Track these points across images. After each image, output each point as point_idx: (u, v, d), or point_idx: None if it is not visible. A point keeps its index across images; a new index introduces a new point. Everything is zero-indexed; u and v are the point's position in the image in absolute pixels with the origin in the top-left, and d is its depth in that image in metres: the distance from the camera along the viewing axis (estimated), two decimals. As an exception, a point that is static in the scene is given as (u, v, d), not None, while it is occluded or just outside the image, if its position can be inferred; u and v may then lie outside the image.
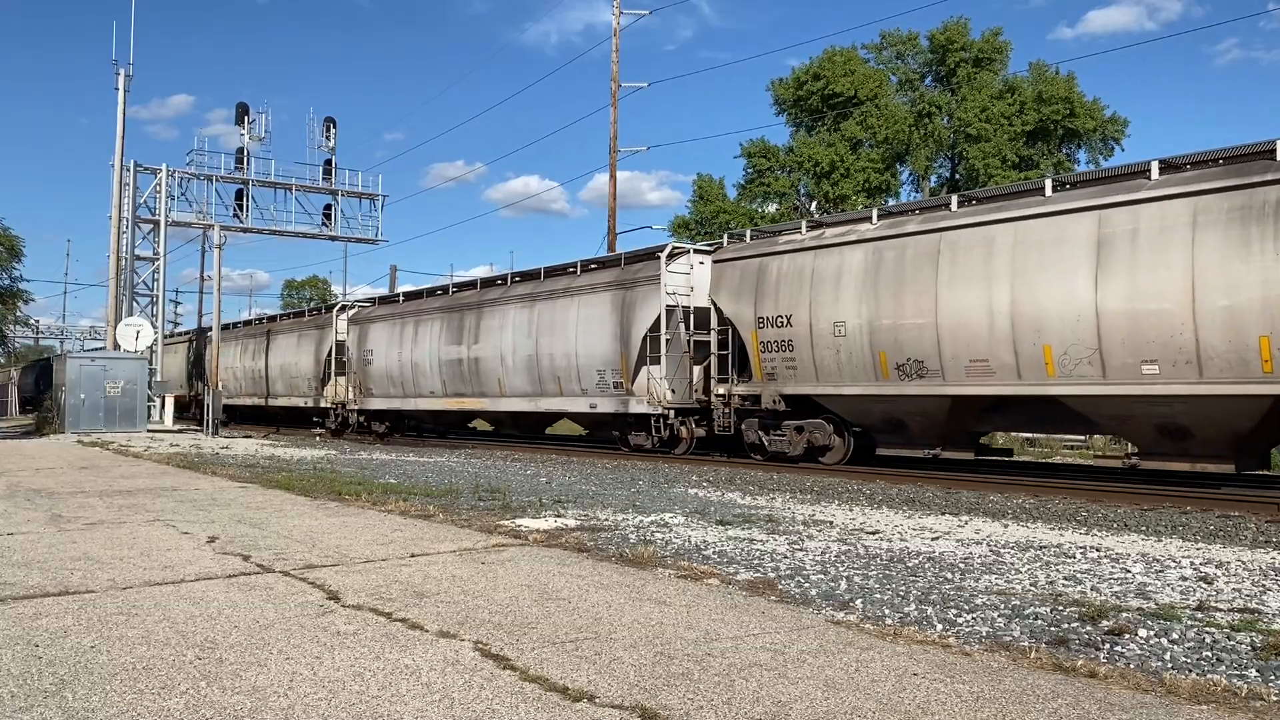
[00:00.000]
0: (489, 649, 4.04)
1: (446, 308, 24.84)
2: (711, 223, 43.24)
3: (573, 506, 9.49)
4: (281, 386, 32.94)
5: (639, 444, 19.18)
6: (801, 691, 3.51)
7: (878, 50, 45.12)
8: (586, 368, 19.72)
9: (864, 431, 15.70)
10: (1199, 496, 11.40)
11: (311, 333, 31.19)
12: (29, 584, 5.44)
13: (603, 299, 19.63)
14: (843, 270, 14.96)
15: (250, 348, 35.66)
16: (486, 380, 22.70)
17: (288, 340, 32.78)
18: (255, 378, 34.99)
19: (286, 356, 32.52)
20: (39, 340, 74.18)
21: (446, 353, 24.04)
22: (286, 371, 32.43)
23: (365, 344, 27.73)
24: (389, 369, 26.38)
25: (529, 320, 21.41)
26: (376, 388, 27.15)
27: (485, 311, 23.18)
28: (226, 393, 34.91)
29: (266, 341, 34.27)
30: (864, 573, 5.97)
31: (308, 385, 30.93)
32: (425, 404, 25.39)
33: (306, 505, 9.38)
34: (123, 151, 31.93)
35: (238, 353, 36.58)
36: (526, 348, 21.34)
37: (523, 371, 21.46)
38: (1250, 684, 3.70)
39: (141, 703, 3.36)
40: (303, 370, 31.27)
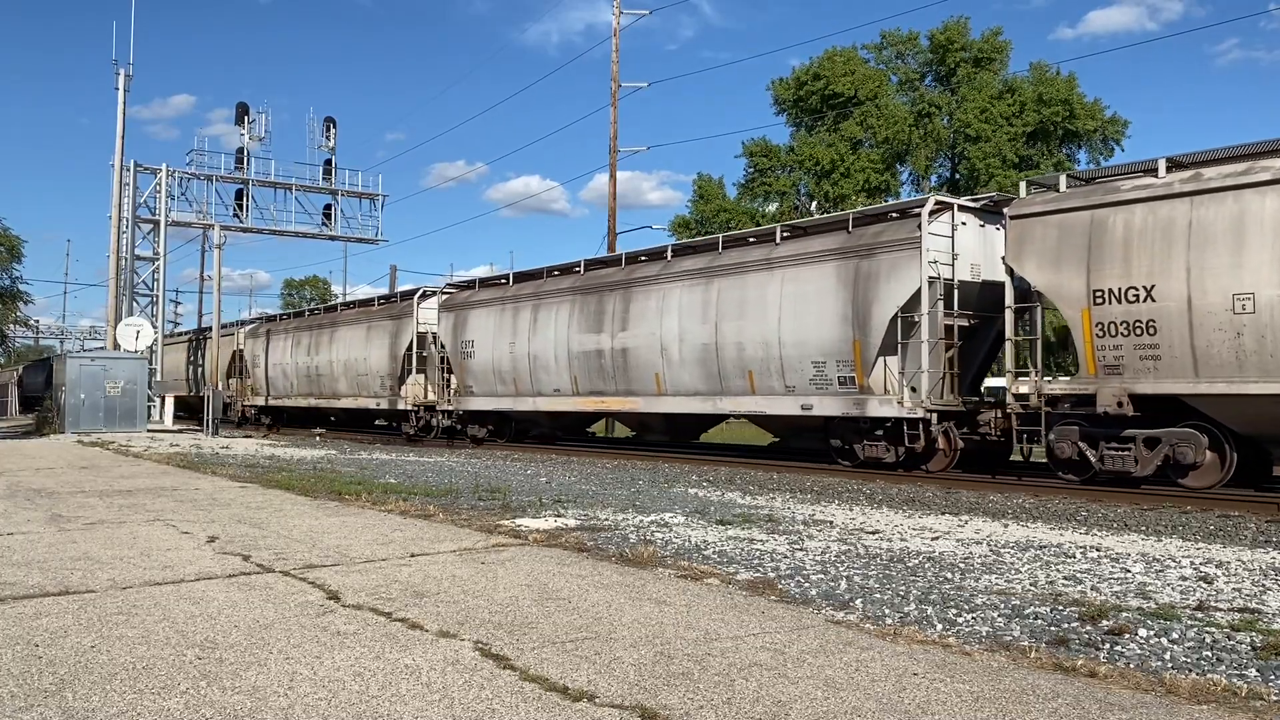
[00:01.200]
0: (489, 649, 4.04)
1: (579, 289, 20.55)
2: (712, 222, 43.28)
3: (573, 506, 9.49)
4: (346, 385, 28.81)
5: (874, 456, 15.04)
6: (801, 691, 3.51)
7: (878, 50, 45.17)
8: (795, 358, 15.61)
9: (1256, 444, 11.82)
10: (1199, 496, 11.40)
11: (385, 324, 27.00)
12: (29, 584, 5.44)
13: (822, 271, 15.44)
14: (1245, 222, 10.94)
15: (305, 343, 31.42)
16: (638, 375, 18.61)
17: (353, 333, 28.54)
18: (311, 376, 30.82)
19: (353, 351, 28.25)
20: (39, 340, 74.26)
21: (580, 343, 20.00)
22: (352, 369, 28.25)
23: (462, 333, 23.77)
24: (496, 363, 22.40)
25: (703, 301, 17.35)
26: (478, 385, 23.12)
27: (635, 292, 18.97)
28: (274, 393, 33.05)
29: (328, 335, 30.04)
30: (864, 572, 5.97)
31: (380, 384, 26.97)
32: (548, 404, 21.39)
33: (307, 505, 9.38)
34: (123, 151, 31.95)
35: (287, 348, 32.64)
36: (699, 335, 17.28)
37: (693, 365, 17.44)
38: (1250, 684, 3.70)
39: (141, 703, 3.36)
40: (374, 367, 27.12)
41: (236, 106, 36.20)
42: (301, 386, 31.54)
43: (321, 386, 30.20)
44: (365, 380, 27.66)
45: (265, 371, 33.89)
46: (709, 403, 17.49)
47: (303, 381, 31.41)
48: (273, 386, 33.54)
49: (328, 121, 36.87)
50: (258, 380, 34.68)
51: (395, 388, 26.18)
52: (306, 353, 31.14)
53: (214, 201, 34.87)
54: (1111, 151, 42.83)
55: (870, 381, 14.68)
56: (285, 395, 32.77)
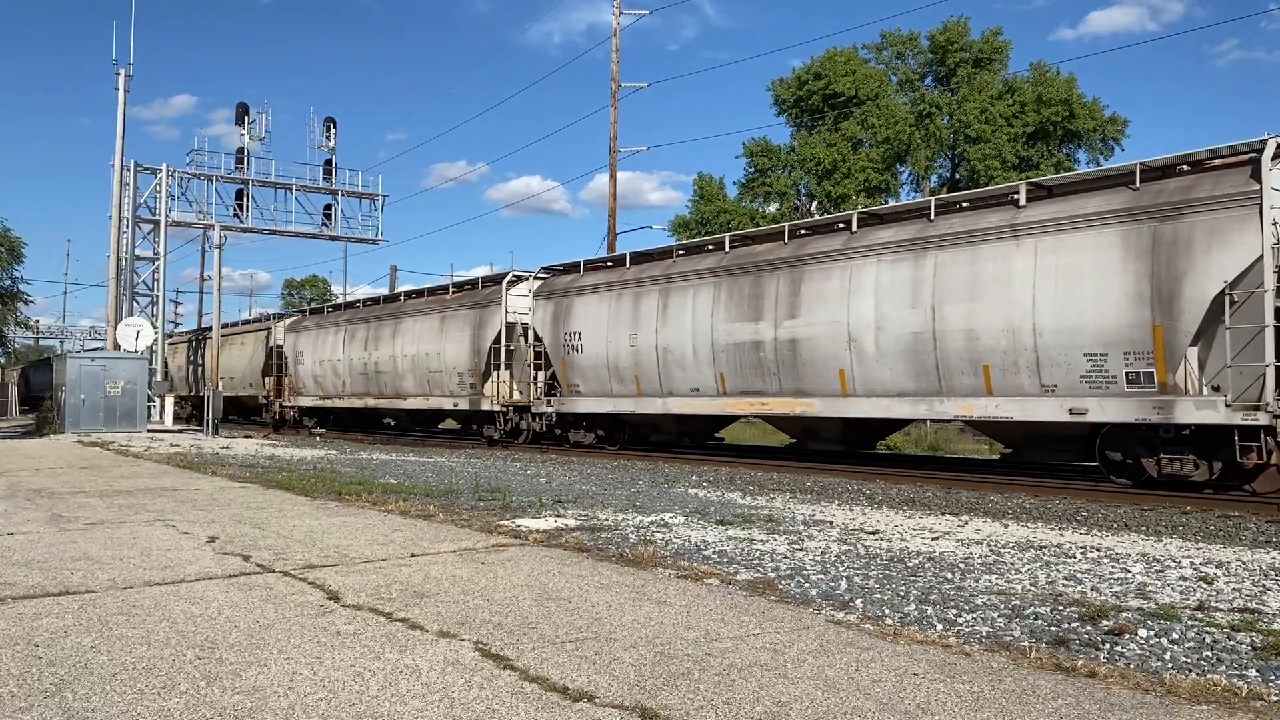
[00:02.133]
0: (489, 649, 4.04)
1: (726, 269, 17.23)
2: (712, 222, 43.29)
3: (573, 506, 9.49)
4: (413, 384, 25.89)
5: (1176, 473, 11.95)
6: (801, 691, 3.51)
7: (878, 50, 45.18)
8: (1059, 349, 12.39)
9: None
10: (1199, 496, 11.40)
11: (464, 314, 24.02)
12: (29, 584, 5.44)
13: (1100, 239, 12.14)
14: None
15: (361, 336, 28.40)
16: (812, 372, 15.37)
17: (423, 325, 25.62)
18: (369, 373, 27.87)
19: (423, 345, 25.37)
20: (39, 340, 74.26)
21: (729, 334, 16.84)
22: (422, 365, 25.29)
23: (565, 324, 20.40)
24: (612, 358, 19.16)
25: (912, 279, 14.02)
26: (586, 383, 19.99)
27: (808, 271, 15.60)
28: (323, 392, 30.62)
29: (390, 327, 27.09)
30: (864, 573, 5.97)
31: (458, 382, 23.94)
32: (682, 406, 18.16)
33: (307, 505, 9.38)
34: (123, 151, 31.95)
35: (338, 343, 29.73)
36: (906, 322, 14.05)
37: (897, 358, 14.11)
38: (1250, 684, 3.70)
39: (141, 703, 3.36)
40: (451, 362, 24.13)
41: (236, 106, 36.22)
42: (356, 385, 28.44)
43: (381, 385, 27.25)
44: (438, 378, 24.69)
45: (311, 369, 31.26)
46: (921, 405, 14.09)
47: (358, 380, 28.30)
48: (320, 385, 30.76)
49: (328, 121, 36.90)
50: (300, 379, 32.01)
51: (478, 386, 23.07)
52: (363, 347, 28.04)
53: (214, 201, 34.90)
54: (1111, 151, 42.87)
55: (1176, 379, 11.62)
56: (335, 395, 29.91)
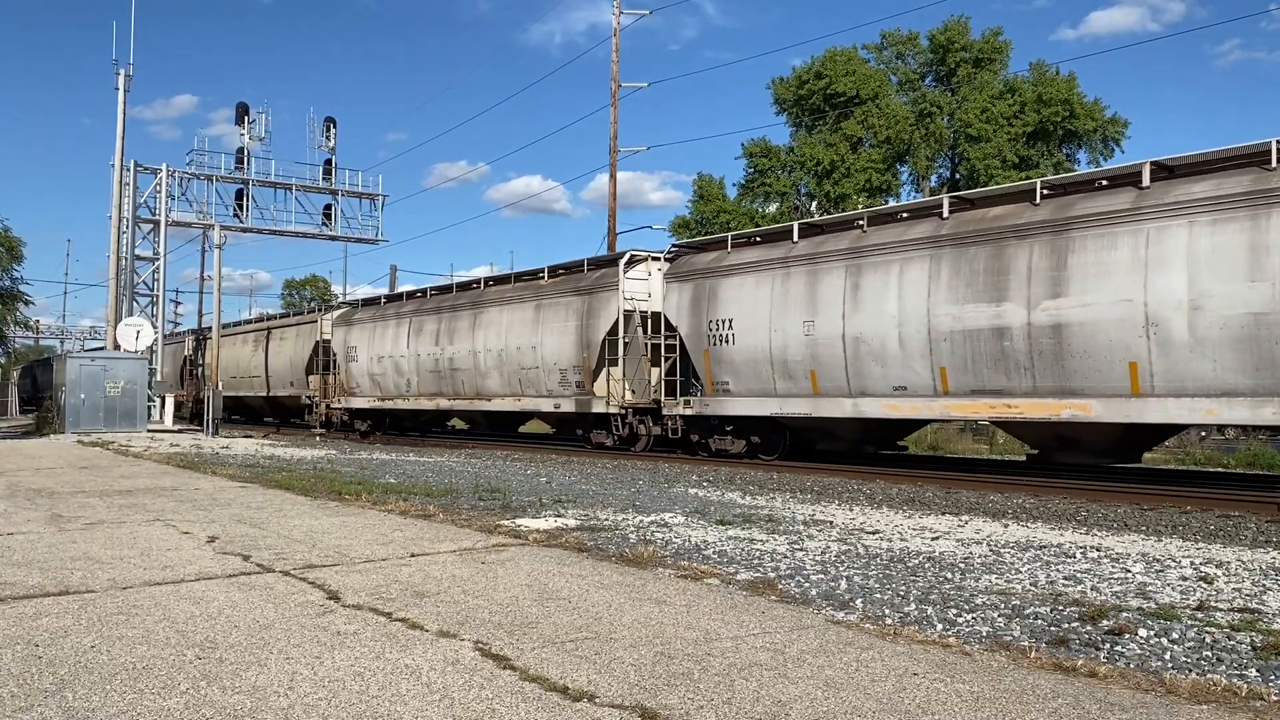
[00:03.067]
0: (489, 649, 4.04)
1: (947, 239, 14.05)
2: (712, 223, 43.28)
3: (573, 506, 9.49)
4: (499, 383, 22.77)
5: None
6: (801, 691, 3.51)
7: (878, 50, 45.17)
8: None
9: None
10: (1199, 496, 11.41)
11: (568, 301, 20.84)
12: (29, 584, 5.44)
13: None
14: None
15: (430, 330, 25.42)
16: (1085, 366, 12.34)
17: (514, 315, 22.58)
18: (441, 371, 24.72)
19: (514, 338, 22.33)
20: (39, 340, 74.29)
21: (955, 319, 13.69)
22: (512, 361, 22.22)
23: (710, 310, 17.05)
24: (777, 351, 15.70)
25: (1248, 245, 11.03)
26: (738, 381, 16.65)
27: (1076, 238, 12.56)
28: (383, 392, 27.58)
29: (468, 318, 23.99)
30: (864, 572, 5.97)
31: (559, 380, 20.76)
32: (879, 407, 14.83)
33: (307, 505, 9.38)
34: (123, 151, 31.96)
35: (400, 337, 26.59)
36: (1239, 300, 11.05)
37: (1225, 348, 11.16)
38: (1250, 684, 3.69)
39: (141, 702, 3.36)
40: (550, 358, 21.00)
41: (236, 106, 36.22)
42: (425, 384, 25.33)
43: (458, 384, 24.07)
44: (533, 375, 21.53)
45: (366, 367, 27.93)
46: (1266, 408, 10.90)
47: (426, 379, 25.21)
48: (378, 385, 27.53)
49: (328, 121, 36.91)
50: (353, 377, 28.69)
51: (585, 384, 20.02)
52: (433, 341, 24.94)
53: (214, 201, 34.90)
54: (1111, 152, 42.85)
55: None
56: (398, 395, 26.69)
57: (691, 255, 18.67)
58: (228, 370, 35.76)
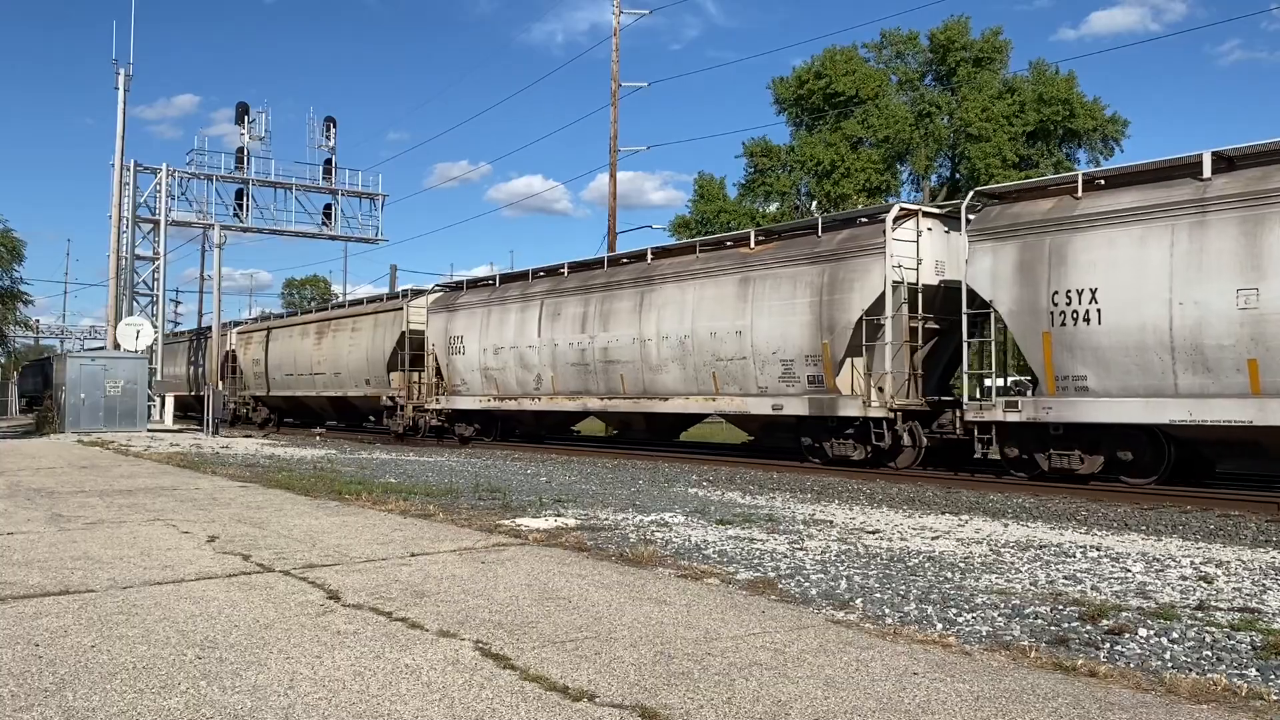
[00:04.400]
0: (489, 648, 4.04)
1: None
2: (712, 222, 43.31)
3: (573, 506, 9.49)
4: (680, 377, 17.97)
5: None
6: (801, 691, 3.51)
7: (878, 49, 45.17)
8: None
9: None
10: (1199, 496, 11.40)
11: (799, 273, 16.02)
12: (29, 583, 5.44)
13: None
14: None
15: (572, 313, 20.72)
16: None
17: (705, 292, 17.66)
18: (590, 364, 20.02)
19: (704, 321, 17.48)
20: (39, 340, 74.34)
21: None
22: (703, 349, 17.43)
23: (1060, 276, 12.53)
24: (1195, 329, 11.29)
25: None
26: (1102, 373, 12.12)
27: None
28: (495, 390, 22.77)
29: (631, 298, 19.26)
30: (864, 572, 5.97)
31: (781, 374, 16.09)
32: None
33: (307, 505, 9.38)
34: (123, 151, 31.99)
35: (528, 323, 21.91)
36: None
37: None
38: (1250, 683, 3.69)
39: (142, 702, 3.36)
40: (766, 345, 16.33)
41: (237, 106, 36.30)
42: (565, 380, 20.78)
43: (612, 380, 19.53)
44: (737, 368, 16.83)
45: (477, 360, 23.38)
46: None
47: (567, 373, 20.72)
48: (493, 382, 22.98)
49: (328, 121, 36.94)
50: (458, 373, 24.12)
51: (828, 379, 15.45)
52: (578, 327, 20.45)
53: (214, 201, 34.94)
54: (1111, 151, 42.88)
55: None
56: (523, 394, 22.09)
57: (1008, 205, 13.77)
58: (282, 367, 32.72)
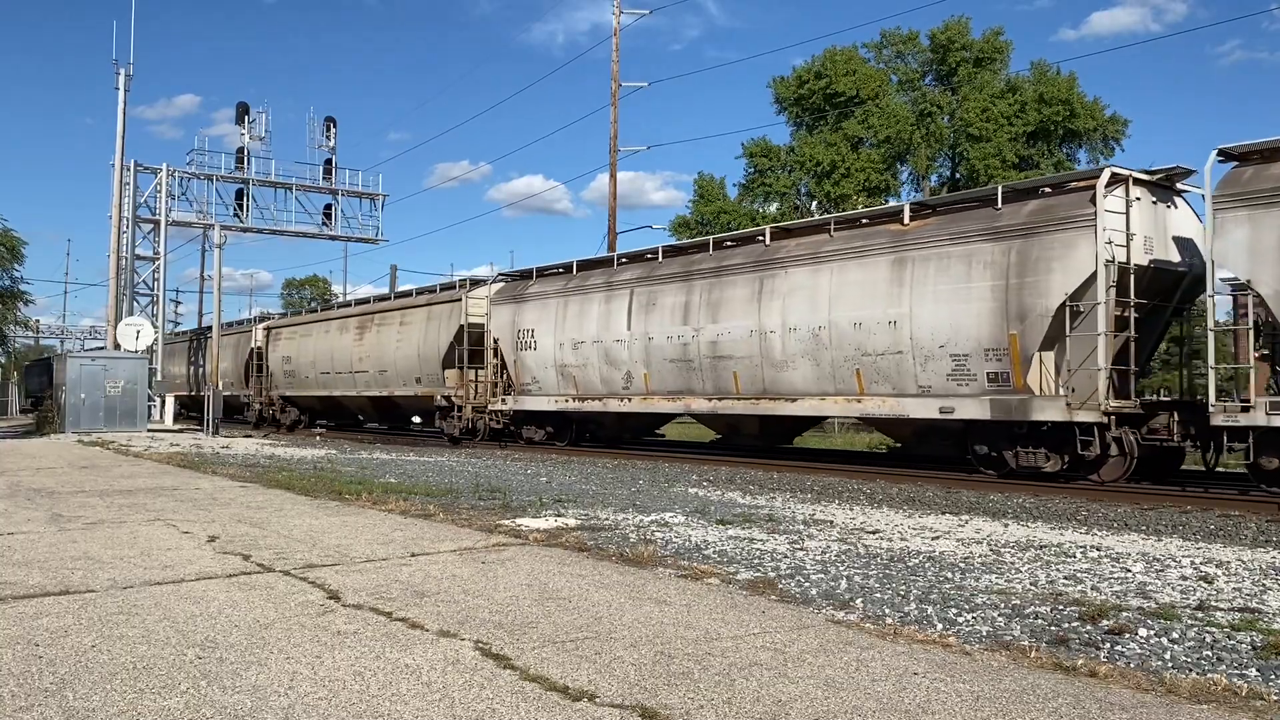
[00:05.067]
0: (489, 648, 4.04)
1: None
2: (713, 223, 43.31)
3: (573, 506, 9.49)
4: (808, 374, 15.59)
5: None
6: (802, 691, 3.51)
7: (878, 49, 45.19)
8: None
9: None
10: (1199, 496, 11.41)
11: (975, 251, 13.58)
12: (29, 583, 5.44)
13: None
14: None
15: (669, 302, 18.23)
16: None
17: (845, 276, 15.20)
18: (694, 360, 17.57)
19: (846, 309, 15.05)
20: (39, 340, 74.35)
21: None
22: (843, 342, 15.02)
23: None
24: None
25: None
26: None
27: None
28: (574, 390, 20.42)
29: (749, 284, 16.75)
30: (864, 572, 5.97)
31: (951, 371, 13.70)
32: None
33: (307, 505, 9.38)
34: (123, 151, 32.00)
35: (614, 314, 19.47)
36: None
37: None
38: (1250, 683, 3.69)
39: (142, 702, 3.36)
40: (933, 336, 13.88)
41: (237, 106, 36.33)
42: (662, 378, 18.26)
43: (722, 377, 17.07)
44: (889, 364, 14.41)
45: (551, 356, 21.05)
46: None
47: (665, 370, 18.22)
48: (570, 379, 20.58)
49: (328, 121, 36.97)
50: (528, 370, 21.78)
51: (1014, 377, 13.08)
52: (678, 318, 17.88)
53: (214, 201, 34.97)
54: (1111, 151, 42.88)
55: None
56: (609, 393, 19.70)
57: (1267, 165, 11.06)
58: (316, 365, 30.16)
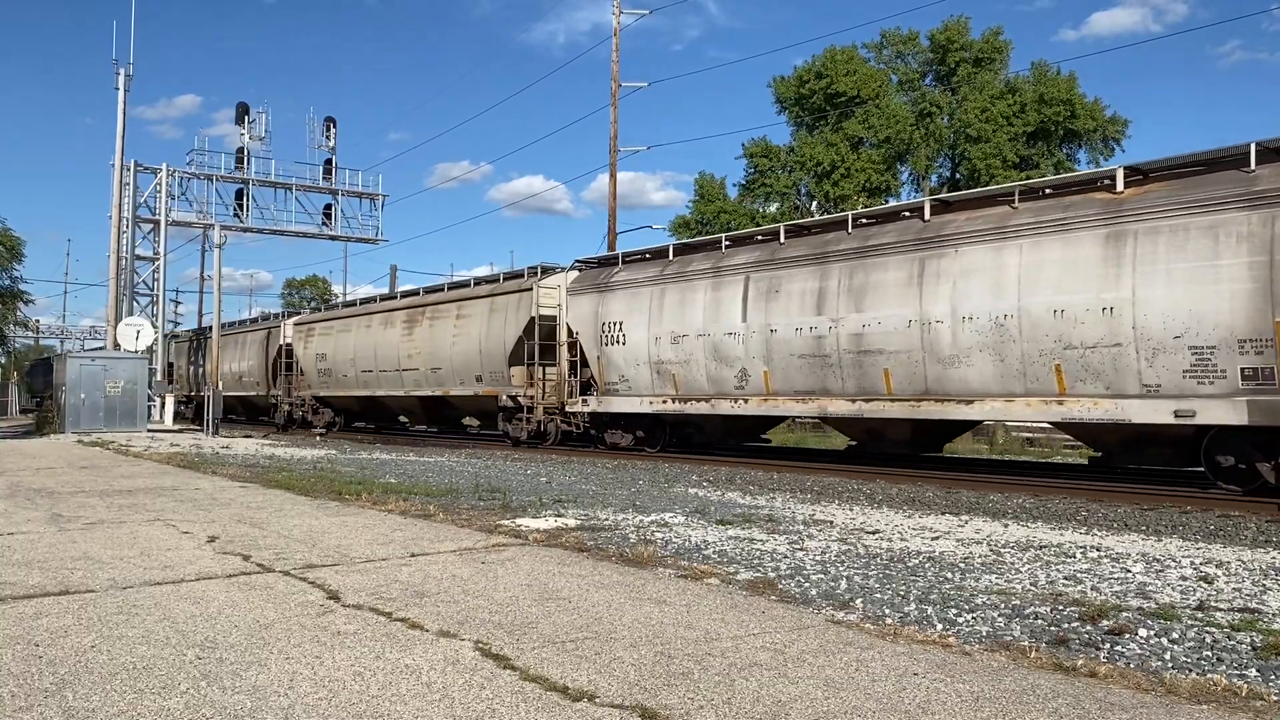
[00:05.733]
0: (489, 649, 4.04)
1: None
2: (713, 223, 43.32)
3: (573, 506, 9.49)
4: (988, 370, 13.26)
5: None
6: (801, 691, 3.51)
7: (878, 50, 45.21)
8: None
9: None
10: (1199, 496, 11.40)
11: (1225, 219, 11.25)
12: (29, 583, 5.44)
13: None
14: None
15: (795, 290, 15.85)
16: None
17: (1039, 255, 12.87)
18: (830, 356, 15.13)
19: (1042, 294, 12.78)
20: (39, 340, 74.39)
21: None
22: (1041, 332, 12.71)
23: None
24: None
25: None
26: None
27: None
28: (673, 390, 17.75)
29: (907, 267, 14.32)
30: (864, 572, 5.97)
31: (1189, 367, 11.44)
32: None
33: (307, 505, 9.38)
34: (123, 151, 32.00)
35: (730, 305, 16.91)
36: None
37: None
38: (1250, 684, 3.69)
39: (142, 702, 3.36)
40: (1165, 326, 11.61)
41: (237, 106, 36.35)
42: (788, 375, 15.80)
43: (866, 376, 14.71)
44: (1110, 358, 12.11)
45: (646, 351, 18.42)
46: None
47: (791, 367, 15.72)
48: (670, 378, 18.00)
49: (328, 121, 36.98)
50: (614, 367, 19.19)
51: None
52: (809, 307, 15.39)
53: (214, 201, 34.99)
54: (1112, 151, 42.92)
55: None
56: (719, 393, 17.05)
57: None
58: (356, 362, 27.94)
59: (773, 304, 16.20)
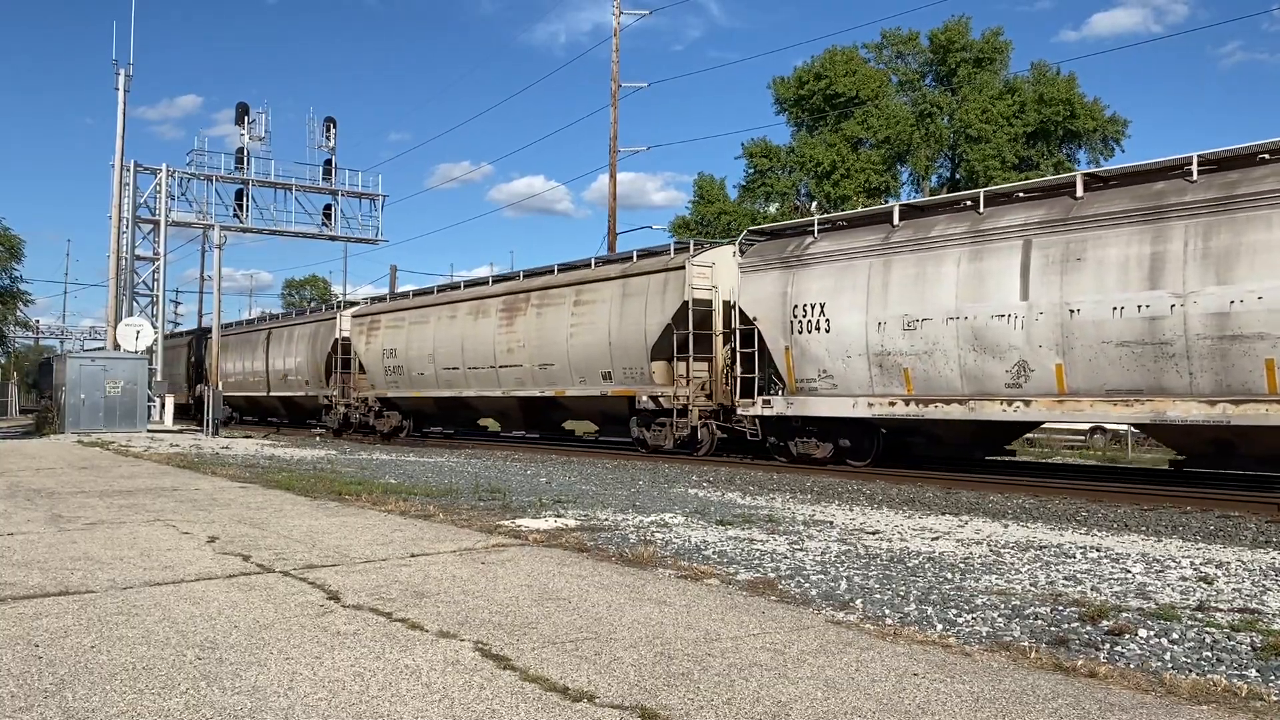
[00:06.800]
0: (489, 649, 4.04)
1: None
2: (713, 223, 43.35)
3: (573, 506, 9.49)
4: None
5: None
6: (801, 691, 3.51)
7: (878, 50, 45.23)
8: None
9: None
10: (1199, 496, 11.40)
11: None
12: (29, 584, 5.44)
13: None
14: None
15: (1106, 256, 11.90)
16: None
17: None
18: (1156, 346, 11.38)
19: None
20: (39, 340, 74.39)
21: None
22: None
23: None
24: None
25: None
26: None
27: None
28: (926, 389, 13.19)
29: None
30: (864, 573, 5.97)
31: None
32: None
33: (307, 505, 9.38)
34: (123, 151, 32.01)
35: (997, 277, 12.92)
36: None
37: None
38: (1250, 684, 3.69)
39: (141, 703, 3.36)
40: None
41: (237, 106, 36.37)
42: (1097, 370, 12.01)
43: (1232, 370, 10.95)
44: None
45: (863, 339, 14.65)
46: None
47: (1102, 358, 11.97)
48: (897, 374, 14.26)
49: (328, 121, 36.99)
50: (814, 363, 15.36)
51: None
52: (1134, 280, 11.66)
53: (214, 201, 34.99)
54: (1111, 151, 42.96)
55: None
56: (979, 392, 13.28)
57: None
58: (436, 359, 24.73)
59: (1072, 275, 12.27)
